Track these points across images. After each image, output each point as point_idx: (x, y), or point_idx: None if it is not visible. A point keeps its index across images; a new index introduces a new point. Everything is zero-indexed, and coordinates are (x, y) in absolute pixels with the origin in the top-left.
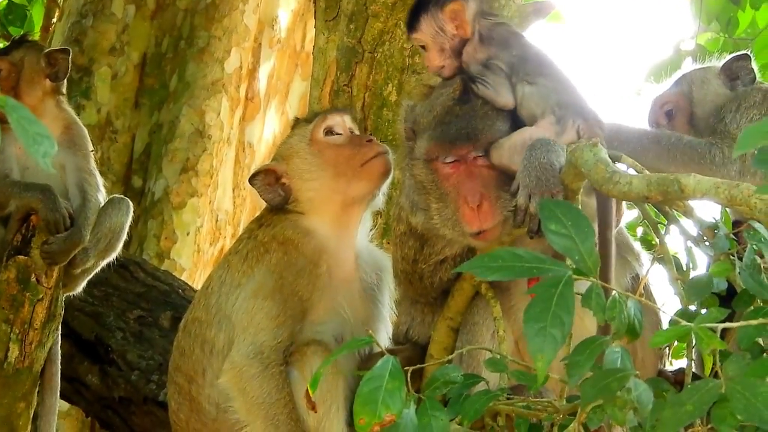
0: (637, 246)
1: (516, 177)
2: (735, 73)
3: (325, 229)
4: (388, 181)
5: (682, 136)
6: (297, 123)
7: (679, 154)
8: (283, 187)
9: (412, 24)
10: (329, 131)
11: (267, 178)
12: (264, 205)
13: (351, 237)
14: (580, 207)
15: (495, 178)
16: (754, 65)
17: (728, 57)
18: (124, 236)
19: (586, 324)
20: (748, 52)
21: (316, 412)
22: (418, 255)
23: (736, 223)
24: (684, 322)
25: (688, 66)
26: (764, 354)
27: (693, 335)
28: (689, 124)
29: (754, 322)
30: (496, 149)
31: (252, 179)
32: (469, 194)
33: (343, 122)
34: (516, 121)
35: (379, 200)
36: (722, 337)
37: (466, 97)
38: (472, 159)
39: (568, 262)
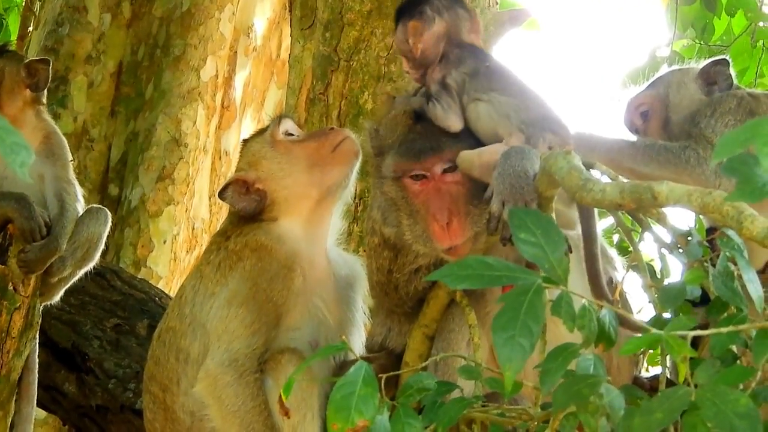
0: (610, 251)
1: (490, 184)
2: (713, 77)
3: (297, 231)
4: (359, 162)
5: (656, 141)
6: (247, 141)
7: (655, 154)
8: (258, 192)
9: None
10: (287, 133)
11: (237, 189)
12: (225, 217)
13: (323, 239)
14: (554, 215)
15: (464, 194)
16: (732, 71)
17: (707, 61)
18: (102, 246)
19: (561, 331)
20: (727, 57)
21: (289, 418)
22: (392, 265)
23: (710, 231)
24: (654, 330)
25: (668, 68)
26: (737, 362)
27: (664, 343)
28: (663, 127)
29: (725, 329)
30: (466, 161)
31: (222, 193)
32: (437, 212)
33: (294, 125)
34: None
35: (350, 192)
36: (696, 345)
37: (423, 114)
38: (440, 175)
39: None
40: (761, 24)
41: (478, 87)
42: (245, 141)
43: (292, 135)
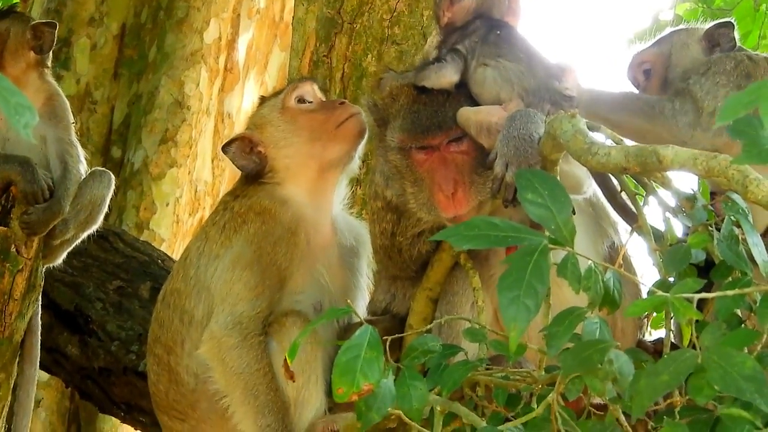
0: (613, 214)
1: (494, 146)
2: (716, 39)
3: (301, 196)
4: (364, 141)
5: (641, 94)
6: (264, 100)
7: (630, 104)
8: (259, 155)
9: None
10: (300, 99)
11: (242, 146)
12: (238, 177)
13: (328, 204)
14: (558, 178)
15: (468, 164)
16: (737, 34)
17: (712, 23)
18: (105, 209)
19: (566, 294)
20: (732, 20)
21: (294, 381)
22: (395, 228)
23: (713, 194)
24: (660, 293)
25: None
26: (741, 325)
27: (669, 305)
28: (662, 86)
29: (731, 292)
30: (463, 116)
31: (226, 147)
32: (443, 181)
33: (312, 90)
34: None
35: (355, 164)
36: (701, 308)
37: (422, 89)
38: (445, 145)
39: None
40: None
41: (487, 52)
42: (262, 99)
43: (304, 102)
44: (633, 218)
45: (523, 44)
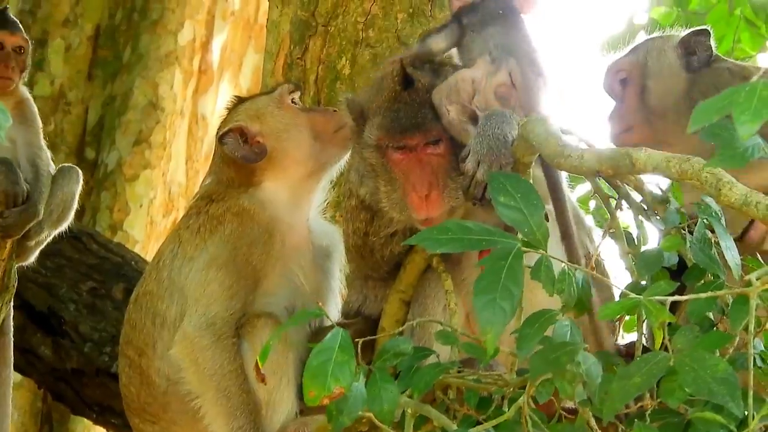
0: (589, 222)
1: (468, 143)
2: (692, 47)
3: (280, 198)
4: (348, 152)
5: None
6: (242, 99)
7: None
8: (258, 145)
9: None
10: (294, 100)
11: (237, 137)
12: (204, 182)
13: (305, 207)
14: (531, 181)
15: (444, 167)
16: (713, 42)
17: (688, 30)
18: (75, 205)
19: (538, 298)
20: (708, 28)
21: (265, 383)
22: (368, 228)
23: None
24: (633, 295)
25: (646, 35)
26: (714, 328)
27: (642, 308)
28: (640, 95)
29: (703, 295)
30: (437, 92)
31: (223, 137)
32: (417, 182)
33: (299, 96)
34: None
35: (334, 172)
36: (673, 311)
37: (408, 80)
38: (422, 146)
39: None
40: None
41: (476, 21)
42: (241, 98)
43: (297, 104)
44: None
45: (521, 25)
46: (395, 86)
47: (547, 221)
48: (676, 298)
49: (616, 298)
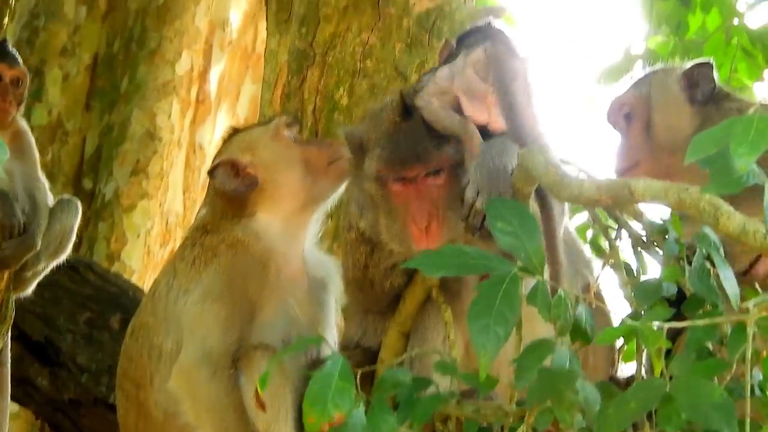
0: (588, 253)
1: (468, 171)
2: (695, 80)
3: (275, 229)
4: (344, 185)
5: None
6: (236, 130)
7: None
8: (249, 176)
9: None
10: (290, 133)
11: (227, 170)
12: (199, 213)
13: (301, 239)
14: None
15: (444, 199)
16: (716, 74)
17: (690, 63)
18: (74, 237)
19: (536, 330)
20: (711, 61)
21: (265, 411)
22: (368, 260)
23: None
24: (631, 322)
25: (651, 67)
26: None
27: (639, 333)
28: (645, 129)
29: (701, 322)
30: (423, 94)
31: (212, 171)
32: (417, 214)
33: (296, 129)
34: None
35: (329, 204)
36: (672, 341)
37: (408, 111)
38: (422, 177)
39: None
40: (735, 21)
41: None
42: (237, 129)
43: (292, 135)
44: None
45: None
46: (395, 117)
47: None
48: (673, 324)
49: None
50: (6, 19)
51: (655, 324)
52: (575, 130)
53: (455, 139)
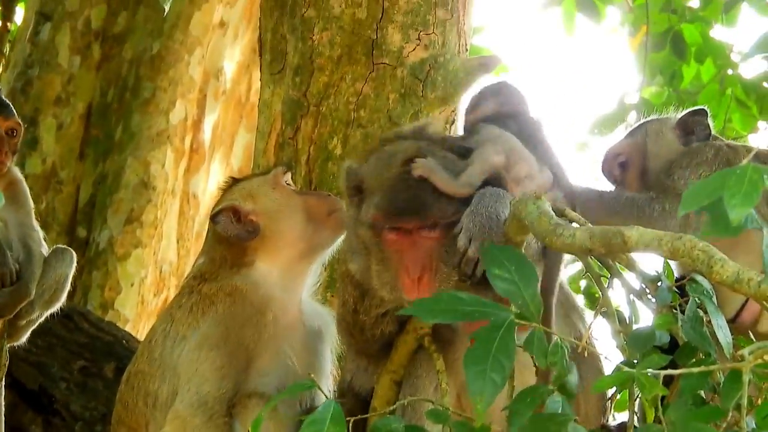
0: (580, 303)
1: (461, 219)
2: (690, 127)
3: (273, 278)
4: (342, 236)
5: (623, 192)
6: (236, 180)
7: (619, 207)
8: (251, 223)
9: None
10: (288, 183)
11: (229, 216)
12: (197, 261)
13: (299, 288)
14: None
15: (437, 251)
16: (710, 121)
17: (685, 111)
18: (68, 287)
19: (526, 379)
20: (705, 108)
21: None
22: (358, 305)
23: (678, 280)
24: (626, 369)
25: (645, 117)
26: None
27: (635, 381)
28: (641, 178)
29: (695, 369)
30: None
31: (215, 216)
32: (410, 264)
33: (292, 177)
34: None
35: (327, 255)
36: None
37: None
38: (418, 229)
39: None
40: (730, 72)
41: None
42: (236, 179)
43: (290, 185)
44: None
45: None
46: (404, 169)
47: None
48: (669, 372)
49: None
50: (0, 69)
51: (650, 372)
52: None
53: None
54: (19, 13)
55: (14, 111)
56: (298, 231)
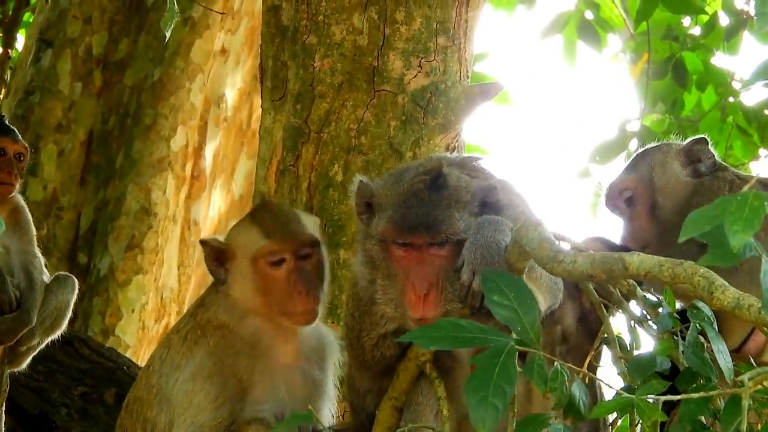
0: None
1: (462, 252)
2: (696, 156)
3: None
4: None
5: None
6: (263, 206)
7: None
8: (226, 272)
9: None
10: (273, 262)
11: (212, 253)
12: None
13: None
14: None
15: (445, 269)
16: (713, 149)
17: (687, 140)
18: (69, 313)
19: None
20: (705, 136)
21: None
22: (361, 323)
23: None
24: (626, 395)
25: (645, 145)
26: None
27: (634, 407)
28: (650, 212)
29: (695, 395)
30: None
31: (203, 243)
32: (417, 281)
33: (289, 247)
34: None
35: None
36: (665, 415)
37: (437, 184)
38: (427, 246)
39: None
40: (731, 99)
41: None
42: (255, 213)
43: (277, 263)
44: None
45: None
46: (421, 185)
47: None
48: (669, 397)
49: None
50: (1, 95)
51: (650, 398)
52: (568, 208)
53: (469, 213)
54: (20, 40)
55: (20, 135)
56: (258, 304)
